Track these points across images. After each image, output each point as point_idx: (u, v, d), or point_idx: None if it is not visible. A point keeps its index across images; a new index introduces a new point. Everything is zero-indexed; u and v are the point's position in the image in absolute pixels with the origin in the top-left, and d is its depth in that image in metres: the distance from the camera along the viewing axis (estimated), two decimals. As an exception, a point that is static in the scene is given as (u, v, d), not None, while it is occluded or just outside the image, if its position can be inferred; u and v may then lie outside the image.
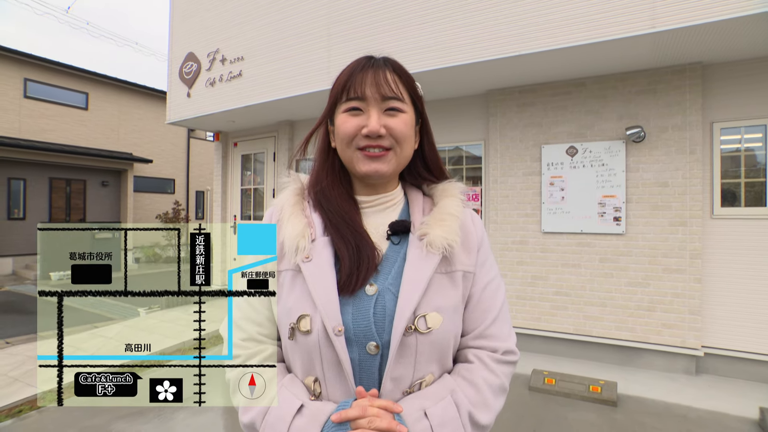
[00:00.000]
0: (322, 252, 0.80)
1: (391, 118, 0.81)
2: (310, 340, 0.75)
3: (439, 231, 0.81)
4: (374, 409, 0.70)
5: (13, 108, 11.21)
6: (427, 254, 0.79)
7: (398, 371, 0.75)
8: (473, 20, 3.73)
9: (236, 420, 3.01)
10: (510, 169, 4.38)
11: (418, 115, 0.88)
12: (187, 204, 15.44)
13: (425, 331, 0.76)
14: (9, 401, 3.21)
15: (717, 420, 2.91)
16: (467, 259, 0.85)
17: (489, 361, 0.82)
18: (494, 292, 0.87)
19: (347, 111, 0.82)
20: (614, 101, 3.91)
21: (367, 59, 0.84)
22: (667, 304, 3.68)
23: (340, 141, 0.83)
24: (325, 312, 0.74)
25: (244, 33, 5.32)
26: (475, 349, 0.84)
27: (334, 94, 0.84)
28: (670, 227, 3.67)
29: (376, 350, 0.75)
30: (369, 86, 0.80)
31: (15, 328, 5.53)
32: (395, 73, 0.83)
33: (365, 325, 0.75)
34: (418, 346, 0.76)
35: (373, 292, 0.78)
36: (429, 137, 0.92)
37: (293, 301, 0.78)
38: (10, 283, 9.63)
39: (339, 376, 0.75)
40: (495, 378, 0.81)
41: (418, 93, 0.88)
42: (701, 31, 3.02)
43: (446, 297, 0.80)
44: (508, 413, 3.00)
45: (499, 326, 0.86)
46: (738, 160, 3.60)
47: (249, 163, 6.90)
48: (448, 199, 0.88)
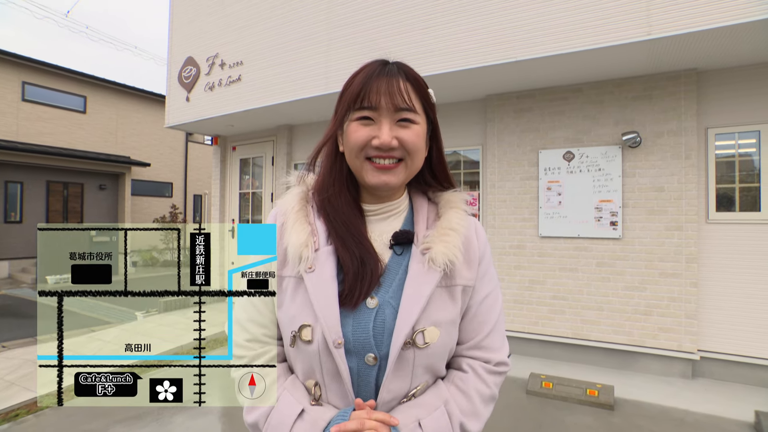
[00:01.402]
0: (325, 263, 0.80)
1: (404, 129, 0.80)
2: (310, 349, 0.77)
3: (442, 247, 0.81)
4: (372, 422, 0.71)
5: (11, 111, 11.20)
6: (428, 270, 0.80)
7: (395, 383, 0.78)
8: (472, 26, 3.76)
9: (234, 423, 3.01)
10: (507, 174, 4.40)
11: (429, 124, 0.87)
12: (185, 208, 15.42)
13: (422, 345, 0.77)
14: (5, 405, 3.19)
15: (713, 423, 2.92)
16: (468, 273, 0.85)
17: (482, 372, 0.84)
18: (491, 305, 0.88)
19: (359, 120, 0.80)
20: (611, 107, 3.94)
21: (381, 65, 0.82)
22: (663, 308, 3.69)
23: (350, 150, 0.82)
24: (325, 324, 0.75)
25: (244, 38, 5.34)
26: (469, 359, 0.86)
27: (346, 100, 0.82)
28: (666, 232, 3.70)
29: (374, 362, 0.77)
30: (382, 96, 0.78)
31: (11, 332, 5.49)
32: (409, 82, 0.82)
33: (364, 338, 0.77)
34: (415, 360, 0.78)
35: (373, 305, 0.79)
36: (438, 144, 0.91)
37: (295, 310, 0.79)
38: (6, 286, 9.58)
39: (338, 384, 0.77)
40: (486, 388, 0.83)
41: (431, 101, 0.86)
42: (696, 38, 3.06)
43: (445, 311, 0.81)
44: (505, 417, 3.00)
45: (494, 338, 0.87)
46: (733, 166, 3.63)
47: (247, 167, 6.91)
48: (452, 212, 0.88)
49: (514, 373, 3.60)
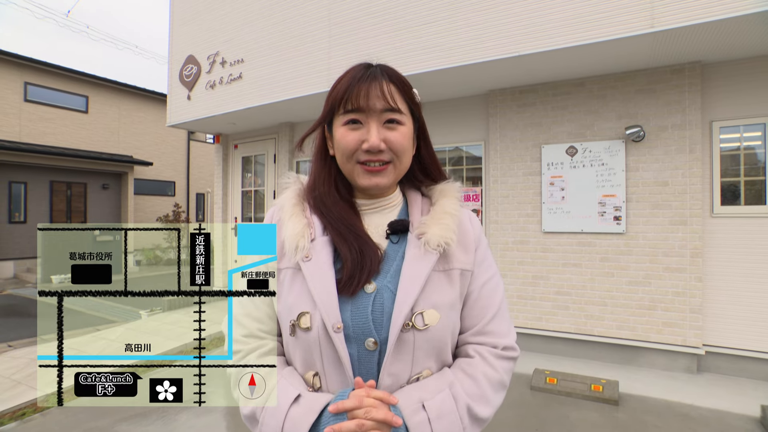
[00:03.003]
0: (321, 251, 0.81)
1: (390, 131, 0.82)
2: (310, 336, 0.77)
3: (437, 230, 0.82)
4: (371, 400, 0.70)
5: (13, 112, 11.24)
6: (424, 252, 0.81)
7: (396, 367, 0.77)
8: (474, 21, 3.73)
9: (239, 421, 3.01)
10: (510, 169, 4.38)
11: (415, 122, 0.89)
12: (188, 206, 15.46)
13: (422, 327, 0.77)
14: (12, 404, 3.22)
15: (719, 418, 2.91)
16: (465, 257, 0.86)
17: (489, 356, 0.83)
18: (493, 289, 0.88)
19: (346, 124, 0.82)
20: (614, 101, 3.91)
21: (365, 68, 0.84)
22: (668, 302, 3.68)
23: (341, 155, 0.84)
24: (324, 309, 0.75)
25: (244, 35, 5.33)
26: (475, 345, 0.85)
27: (331, 102, 0.84)
28: (671, 226, 3.67)
29: (374, 347, 0.76)
30: (368, 99, 0.80)
31: (17, 332, 5.53)
32: (393, 83, 0.83)
33: (363, 322, 0.76)
34: (415, 343, 0.77)
35: (371, 290, 0.79)
36: (426, 142, 0.93)
37: (293, 299, 0.80)
38: (11, 286, 9.64)
39: (338, 372, 0.76)
40: (494, 373, 0.82)
41: (416, 100, 0.88)
42: (700, 30, 3.02)
43: (443, 294, 0.81)
44: (510, 413, 2.99)
45: (499, 322, 0.87)
46: (738, 159, 3.60)
47: (249, 165, 6.91)
48: (445, 200, 0.89)
49: (518, 369, 3.60)
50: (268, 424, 0.74)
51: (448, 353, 0.84)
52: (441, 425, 0.73)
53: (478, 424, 0.78)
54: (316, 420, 0.72)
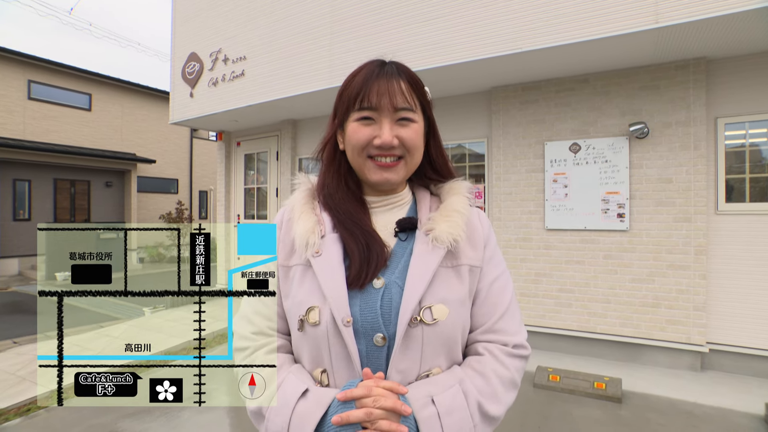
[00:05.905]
0: (331, 247, 0.82)
1: (403, 128, 0.83)
2: (318, 331, 0.77)
3: (445, 226, 0.83)
4: (379, 389, 0.70)
5: (17, 110, 11.27)
6: (432, 248, 0.81)
7: (404, 363, 0.76)
8: (476, 17, 3.71)
9: (241, 418, 3.02)
10: (513, 167, 4.36)
11: (426, 120, 0.90)
12: (191, 204, 15.49)
13: (431, 322, 0.77)
14: (17, 400, 3.24)
15: (723, 416, 2.89)
16: (473, 253, 0.86)
17: (499, 354, 0.82)
18: (502, 287, 0.88)
19: (359, 120, 0.83)
20: (617, 97, 3.88)
21: (379, 66, 0.85)
22: (671, 300, 3.66)
23: (352, 149, 0.85)
24: (333, 303, 0.76)
25: (246, 32, 5.32)
26: (485, 343, 0.85)
27: (346, 100, 0.85)
28: (675, 223, 3.65)
29: (383, 342, 0.76)
30: (382, 96, 0.81)
31: (22, 328, 5.57)
32: (407, 82, 0.84)
33: (372, 317, 0.76)
34: (424, 338, 0.76)
35: (380, 285, 0.79)
36: (436, 140, 0.94)
37: (303, 295, 0.80)
38: (16, 283, 9.70)
39: (347, 367, 0.76)
40: (505, 370, 0.81)
41: (428, 99, 0.89)
42: (705, 26, 2.99)
43: (452, 289, 0.81)
44: (513, 410, 2.97)
45: (509, 321, 0.86)
46: (743, 156, 3.57)
47: (252, 163, 6.91)
48: (454, 197, 0.90)
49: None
50: (274, 421, 0.74)
51: (458, 351, 0.83)
52: (451, 420, 0.72)
53: (489, 423, 0.76)
54: (323, 416, 0.71)
